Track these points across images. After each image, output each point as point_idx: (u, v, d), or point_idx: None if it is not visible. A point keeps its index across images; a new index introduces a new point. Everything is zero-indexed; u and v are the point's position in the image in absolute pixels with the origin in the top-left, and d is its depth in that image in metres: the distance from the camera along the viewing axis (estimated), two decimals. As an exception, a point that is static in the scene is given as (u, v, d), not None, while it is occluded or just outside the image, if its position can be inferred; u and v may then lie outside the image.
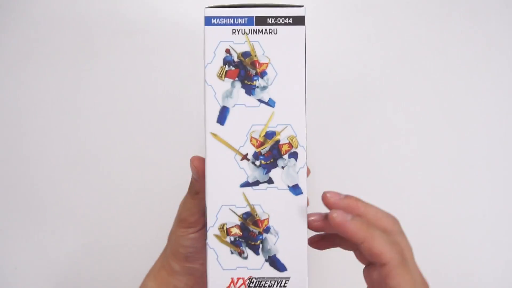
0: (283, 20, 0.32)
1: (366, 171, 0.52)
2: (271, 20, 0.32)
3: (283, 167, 0.32)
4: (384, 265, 0.31)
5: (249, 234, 0.33)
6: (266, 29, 0.32)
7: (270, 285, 0.32)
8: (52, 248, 0.52)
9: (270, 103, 0.32)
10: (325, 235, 0.36)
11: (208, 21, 0.32)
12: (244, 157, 0.32)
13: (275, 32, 0.32)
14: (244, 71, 0.32)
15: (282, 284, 0.32)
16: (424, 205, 0.52)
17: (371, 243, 0.31)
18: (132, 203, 0.52)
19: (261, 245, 0.33)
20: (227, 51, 0.32)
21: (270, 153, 0.32)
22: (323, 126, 0.52)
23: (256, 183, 0.32)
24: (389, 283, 0.31)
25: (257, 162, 0.32)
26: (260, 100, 0.32)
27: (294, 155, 0.32)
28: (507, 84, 0.53)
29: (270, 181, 0.32)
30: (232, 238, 0.33)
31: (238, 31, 0.32)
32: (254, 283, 0.33)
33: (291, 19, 0.32)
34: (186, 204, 0.40)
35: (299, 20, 0.32)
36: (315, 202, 0.50)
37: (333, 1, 0.54)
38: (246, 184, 0.32)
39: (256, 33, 0.32)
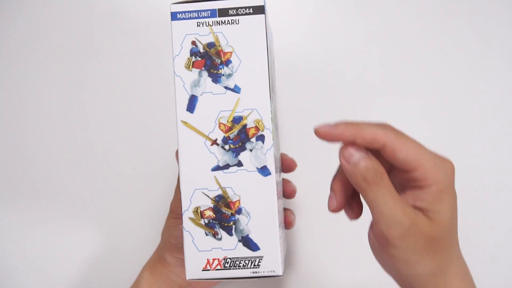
0: (243, 11, 0.34)
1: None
2: (233, 11, 0.34)
3: (251, 150, 0.34)
4: (384, 146, 0.31)
5: (222, 216, 0.34)
6: (228, 20, 0.34)
7: (245, 264, 0.34)
8: (52, 248, 0.53)
9: (236, 89, 0.34)
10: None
11: (174, 16, 0.34)
12: (214, 142, 0.34)
13: (237, 22, 0.34)
14: (210, 60, 0.34)
15: (256, 263, 0.33)
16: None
17: (362, 133, 0.31)
18: (132, 201, 0.53)
19: (234, 226, 0.34)
20: (193, 43, 0.34)
21: (238, 137, 0.34)
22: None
23: (227, 166, 0.34)
24: (399, 158, 0.31)
25: (227, 146, 0.34)
26: (226, 87, 0.34)
27: (261, 138, 0.34)
28: (508, 85, 0.53)
29: (239, 164, 0.34)
30: (206, 221, 0.34)
31: (203, 24, 0.34)
32: (229, 263, 0.34)
33: (251, 9, 0.34)
34: (176, 196, 0.42)
35: (259, 10, 0.34)
36: (312, 201, 0.51)
37: (333, 0, 0.55)
38: (217, 168, 0.34)
39: (219, 24, 0.34)
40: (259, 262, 0.33)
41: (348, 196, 0.35)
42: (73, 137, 0.54)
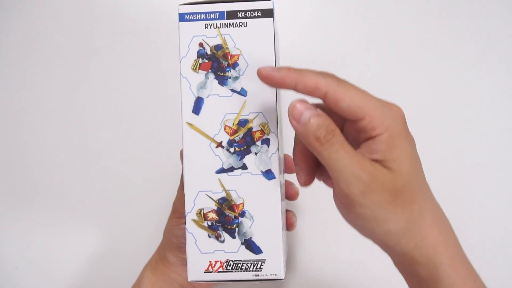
0: (252, 14, 0.34)
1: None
2: (241, 14, 0.34)
3: (256, 153, 0.34)
4: (326, 95, 0.30)
5: (225, 218, 0.34)
6: (236, 23, 0.34)
7: (247, 267, 0.34)
8: (52, 248, 0.53)
9: (242, 92, 0.34)
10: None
11: (182, 17, 0.34)
12: (219, 144, 0.34)
13: (245, 25, 0.34)
14: (217, 63, 0.34)
15: (258, 266, 0.34)
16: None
17: (303, 80, 0.30)
18: (133, 201, 0.53)
19: (237, 229, 0.34)
20: (200, 44, 0.34)
21: (244, 140, 0.34)
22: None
23: (231, 169, 0.34)
24: (343, 107, 0.30)
25: (232, 149, 0.34)
26: (232, 90, 0.34)
27: (267, 142, 0.34)
28: (508, 85, 0.53)
29: (244, 167, 0.34)
30: (209, 223, 0.34)
31: (210, 26, 0.34)
32: (231, 266, 0.34)
33: (259, 12, 0.34)
34: (178, 195, 0.42)
35: (267, 13, 0.34)
36: (314, 203, 0.52)
37: (333, 0, 0.55)
38: (221, 171, 0.34)
39: (227, 26, 0.34)
40: (261, 265, 0.34)
41: (313, 165, 0.33)
42: (74, 137, 0.54)
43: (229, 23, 0.34)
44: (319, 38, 0.54)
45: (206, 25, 0.34)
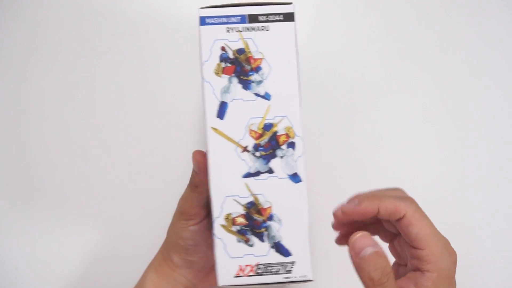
0: (274, 17, 0.34)
1: (366, 171, 0.53)
2: (263, 18, 0.34)
3: (282, 157, 0.34)
4: (402, 218, 0.33)
5: (254, 222, 0.34)
6: (258, 26, 0.34)
7: (277, 270, 0.34)
8: (52, 248, 0.52)
9: (266, 96, 0.34)
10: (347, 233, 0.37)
11: (202, 21, 0.34)
12: (245, 149, 0.34)
13: (267, 29, 0.34)
14: (240, 67, 0.34)
15: (288, 269, 0.34)
16: (424, 206, 0.53)
17: (384, 206, 0.33)
18: (133, 201, 0.53)
19: (265, 233, 0.34)
20: (223, 48, 0.34)
21: (269, 144, 0.34)
22: (323, 125, 0.53)
23: (257, 173, 0.34)
24: (411, 232, 0.33)
25: (257, 153, 0.34)
26: (256, 94, 0.34)
27: (292, 145, 0.34)
28: (509, 83, 0.54)
29: (270, 171, 0.34)
30: (238, 227, 0.34)
31: (232, 29, 0.34)
32: (261, 269, 0.34)
33: (281, 16, 0.34)
34: (187, 197, 0.41)
35: (289, 17, 0.34)
36: (311, 201, 0.52)
37: (334, 0, 0.55)
38: (248, 175, 0.34)
39: (249, 30, 0.34)
40: (291, 267, 0.34)
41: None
42: (74, 136, 0.54)
43: (251, 27, 0.34)
44: (320, 38, 0.54)
45: (228, 29, 0.34)
